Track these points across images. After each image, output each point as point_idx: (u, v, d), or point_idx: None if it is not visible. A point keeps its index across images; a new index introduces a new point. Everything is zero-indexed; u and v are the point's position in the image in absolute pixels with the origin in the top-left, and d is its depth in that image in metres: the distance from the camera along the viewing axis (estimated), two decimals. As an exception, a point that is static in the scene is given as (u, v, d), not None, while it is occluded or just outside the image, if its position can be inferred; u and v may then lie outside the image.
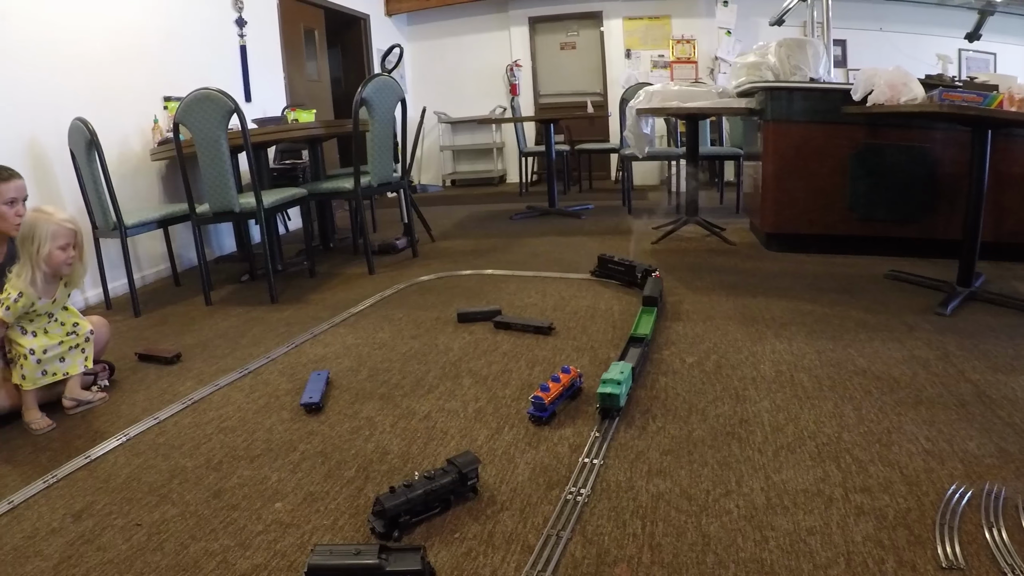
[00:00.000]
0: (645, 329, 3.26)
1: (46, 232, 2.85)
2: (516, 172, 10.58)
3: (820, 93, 4.72)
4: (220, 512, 2.10)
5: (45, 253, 2.85)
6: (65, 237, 2.91)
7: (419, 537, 1.88)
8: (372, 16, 10.47)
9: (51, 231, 2.86)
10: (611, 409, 2.53)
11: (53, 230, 2.86)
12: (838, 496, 1.90)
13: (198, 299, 4.84)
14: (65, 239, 2.91)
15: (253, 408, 2.89)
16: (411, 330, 3.75)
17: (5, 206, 3.09)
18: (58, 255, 2.88)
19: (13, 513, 2.23)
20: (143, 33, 5.84)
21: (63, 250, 2.90)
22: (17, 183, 3.16)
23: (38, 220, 2.87)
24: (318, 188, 5.37)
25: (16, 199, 3.14)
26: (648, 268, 4.12)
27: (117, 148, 5.36)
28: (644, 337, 3.17)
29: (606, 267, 4.52)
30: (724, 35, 9.90)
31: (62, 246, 2.89)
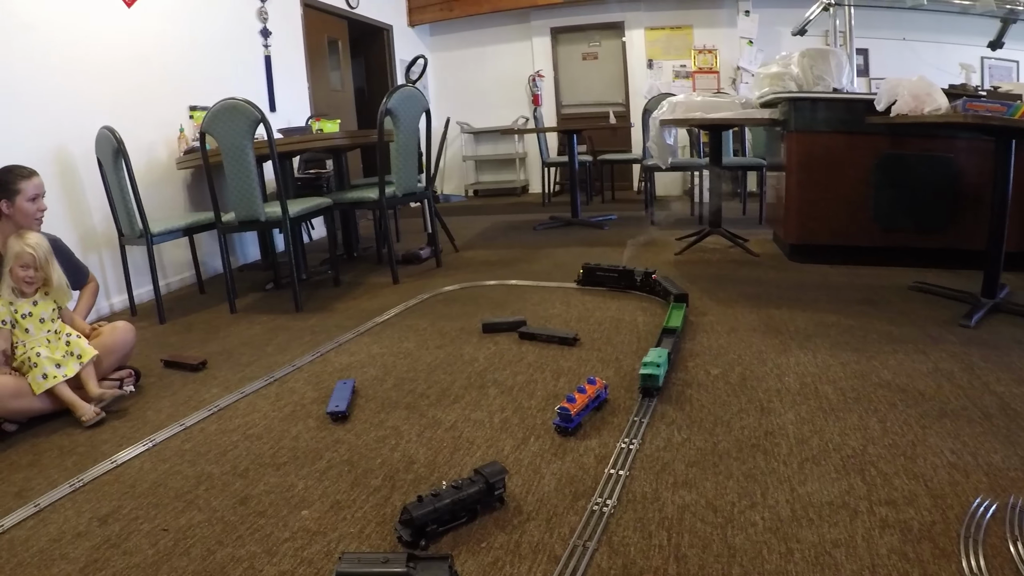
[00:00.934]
0: (676, 322, 3.51)
1: (12, 253, 3.10)
2: (538, 182, 10.58)
3: (843, 103, 4.69)
4: (247, 519, 2.11)
5: (7, 269, 3.11)
6: (24, 259, 3.12)
7: (446, 546, 1.88)
8: (395, 27, 10.51)
9: (16, 252, 3.10)
10: (651, 389, 2.78)
11: (17, 251, 3.10)
12: (863, 509, 1.89)
13: (223, 307, 4.88)
14: (25, 260, 3.12)
15: (279, 416, 2.90)
16: (436, 340, 3.75)
17: (28, 202, 3.24)
18: (17, 272, 3.12)
19: (39, 516, 2.26)
20: (169, 43, 5.89)
21: (24, 269, 3.12)
22: (36, 180, 3.38)
23: (11, 242, 3.13)
24: (343, 197, 5.39)
25: (37, 195, 3.35)
26: (648, 271, 4.35)
27: (143, 157, 5.41)
28: (676, 328, 3.43)
29: (593, 275, 4.60)
30: (746, 45, 9.86)
31: (22, 265, 3.11)
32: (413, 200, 5.67)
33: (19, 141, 4.43)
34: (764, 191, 6.85)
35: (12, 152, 4.17)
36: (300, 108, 7.94)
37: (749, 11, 9.82)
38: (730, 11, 10.01)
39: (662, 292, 4.16)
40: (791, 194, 4.91)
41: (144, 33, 5.62)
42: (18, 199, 3.25)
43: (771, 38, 9.76)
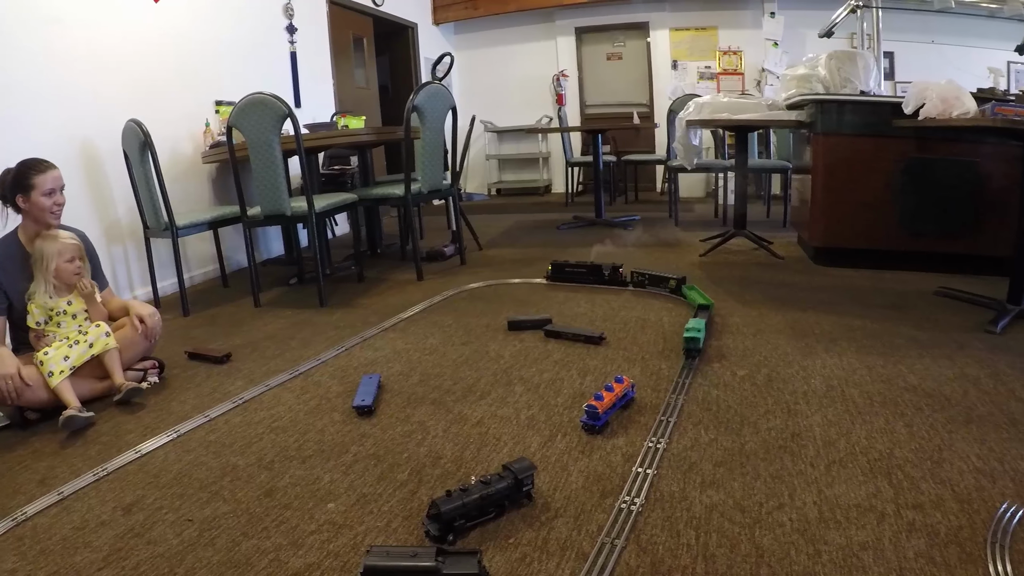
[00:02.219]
0: (703, 299, 3.87)
1: (53, 251, 3.13)
2: (562, 182, 10.58)
3: (870, 106, 4.65)
4: (272, 511, 2.10)
5: (54, 268, 3.14)
6: (71, 251, 3.19)
7: (473, 542, 1.87)
8: (420, 25, 10.53)
9: (57, 249, 3.14)
10: (694, 351, 3.17)
11: (59, 248, 3.15)
12: (890, 512, 1.87)
13: (246, 300, 4.89)
14: (71, 253, 3.19)
15: (304, 409, 2.90)
16: (461, 336, 3.75)
17: (44, 197, 3.20)
18: (66, 267, 3.18)
19: (62, 504, 2.26)
20: (195, 38, 5.93)
21: (70, 262, 3.16)
22: (54, 173, 3.29)
23: (45, 243, 3.15)
24: (368, 193, 5.40)
25: (54, 189, 3.26)
26: (616, 265, 4.65)
27: (169, 151, 5.43)
28: (708, 304, 3.78)
29: (562, 271, 4.69)
30: (771, 47, 9.80)
31: (68, 259, 3.17)
32: (438, 197, 5.68)
33: (46, 134, 4.47)
34: (789, 194, 6.81)
35: (39, 145, 4.19)
36: (325, 104, 7.96)
37: (775, 13, 9.76)
38: (755, 12, 9.96)
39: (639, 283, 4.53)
40: (816, 197, 4.88)
41: (170, 28, 5.65)
42: (33, 194, 3.18)
43: (796, 40, 9.70)
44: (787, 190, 6.94)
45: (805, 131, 5.24)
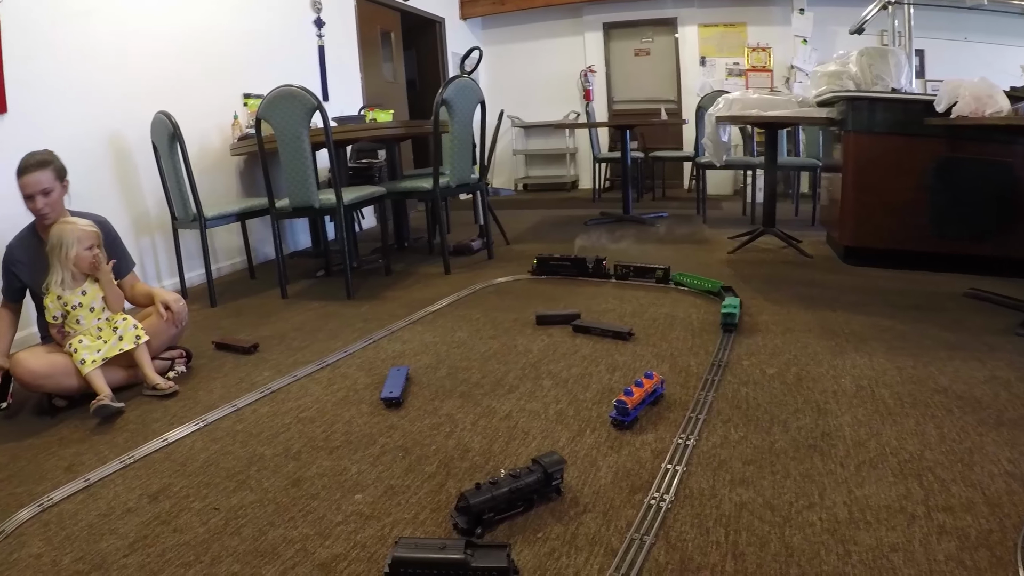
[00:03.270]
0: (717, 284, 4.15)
1: (72, 238, 3.09)
2: (589, 178, 10.57)
3: (902, 104, 4.59)
4: (299, 501, 2.10)
5: (74, 255, 3.09)
6: (90, 239, 3.15)
7: (502, 535, 1.86)
8: (447, 19, 10.56)
9: (77, 236, 3.10)
10: (731, 325, 3.50)
11: (79, 235, 3.11)
12: (920, 514, 1.84)
13: (273, 292, 4.91)
14: (90, 240, 3.15)
15: (332, 400, 2.90)
16: (489, 330, 3.74)
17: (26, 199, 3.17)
18: (84, 255, 3.13)
19: (89, 491, 2.28)
20: (224, 31, 5.96)
21: (89, 250, 3.14)
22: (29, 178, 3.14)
23: (64, 230, 3.10)
24: (396, 187, 5.40)
25: (32, 195, 3.15)
26: (598, 257, 4.77)
27: (197, 143, 5.46)
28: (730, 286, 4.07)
29: (547, 265, 4.73)
30: (800, 44, 9.72)
31: (87, 247, 3.13)
32: (466, 191, 5.67)
33: (75, 126, 4.51)
34: (818, 192, 6.75)
35: (68, 137, 4.26)
36: (352, 98, 7.99)
37: (804, 9, 9.68)
38: (784, 9, 9.87)
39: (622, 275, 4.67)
40: (847, 195, 4.83)
41: (199, 21, 5.69)
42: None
43: (825, 37, 9.63)
44: (816, 188, 6.88)
45: (835, 129, 5.19)
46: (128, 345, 3.14)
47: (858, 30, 6.13)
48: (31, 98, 4.25)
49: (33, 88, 4.27)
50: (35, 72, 4.29)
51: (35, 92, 4.28)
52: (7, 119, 4.12)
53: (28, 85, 4.23)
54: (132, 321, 3.21)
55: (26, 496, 2.27)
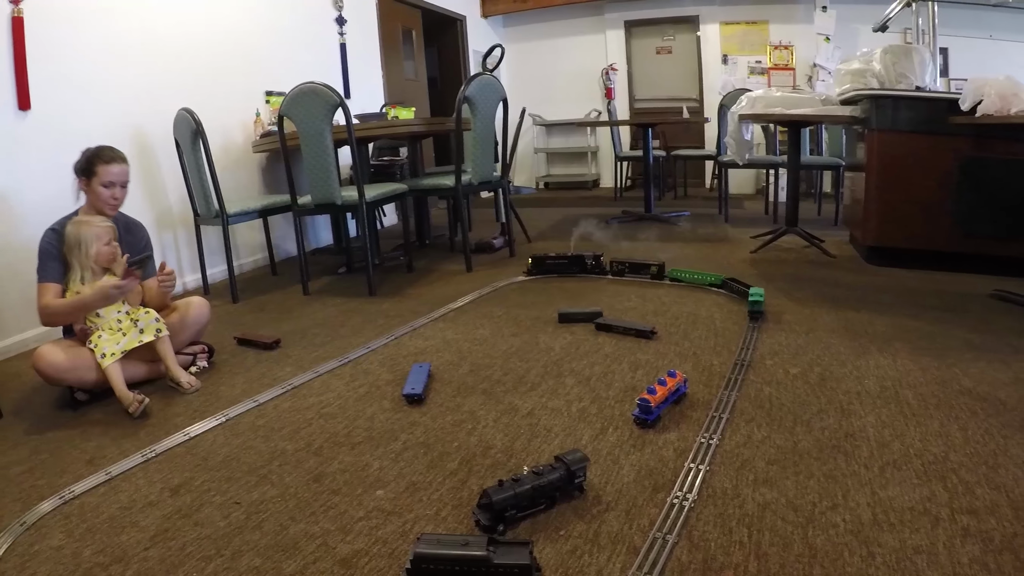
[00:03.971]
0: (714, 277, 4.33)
1: (91, 236, 3.10)
2: (610, 176, 10.53)
3: (926, 103, 4.53)
4: (320, 496, 2.11)
5: (95, 252, 3.11)
6: (107, 234, 3.17)
7: (524, 532, 1.85)
8: (468, 17, 10.55)
9: (96, 233, 3.12)
10: (758, 312, 3.68)
11: (97, 232, 3.13)
12: (944, 516, 1.83)
13: (295, 288, 4.93)
14: (108, 235, 3.17)
15: (353, 396, 2.90)
16: (511, 328, 3.74)
17: (103, 187, 3.24)
18: (105, 251, 3.15)
19: (110, 484, 2.29)
20: (246, 29, 5.98)
21: (108, 245, 3.15)
22: (118, 168, 3.30)
23: (79, 229, 3.12)
24: (418, 184, 5.41)
25: (114, 183, 3.27)
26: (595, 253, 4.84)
27: (219, 140, 5.48)
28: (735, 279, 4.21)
29: (543, 264, 4.72)
30: (823, 41, 9.65)
31: (107, 242, 3.15)
32: (488, 189, 5.67)
33: (98, 122, 4.53)
34: (841, 191, 6.70)
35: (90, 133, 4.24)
36: (374, 96, 8.00)
37: (826, 7, 9.60)
38: (807, 7, 9.79)
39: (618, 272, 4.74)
40: (870, 195, 4.78)
41: (222, 18, 5.71)
42: (94, 180, 3.22)
43: (848, 35, 9.54)
44: (839, 187, 6.84)
45: (859, 127, 5.15)
46: (148, 337, 3.15)
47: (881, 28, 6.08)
48: (54, 95, 4.28)
49: (56, 85, 4.29)
50: (58, 69, 4.32)
51: (58, 89, 4.31)
52: (30, 116, 4.15)
53: (51, 82, 4.26)
54: (153, 315, 3.21)
55: (47, 488, 2.28)
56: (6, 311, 4.01)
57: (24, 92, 4.09)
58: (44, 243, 3.12)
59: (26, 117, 4.13)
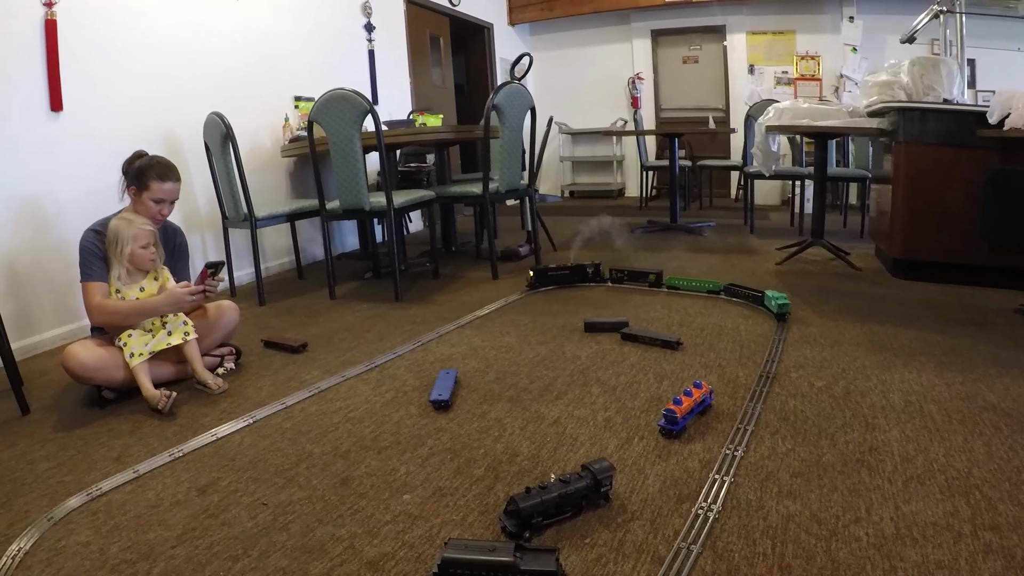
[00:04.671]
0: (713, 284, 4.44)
1: (128, 236, 3.13)
2: (635, 186, 10.54)
3: (954, 115, 4.50)
4: (347, 499, 2.12)
5: (128, 252, 3.13)
6: (146, 237, 3.19)
7: (549, 540, 1.86)
8: (496, 25, 10.60)
9: (133, 234, 3.14)
10: (785, 314, 3.84)
11: (134, 233, 3.14)
12: (967, 532, 1.82)
13: (321, 292, 4.97)
14: (146, 239, 3.18)
15: (380, 401, 2.92)
16: (537, 336, 3.75)
17: (152, 202, 3.27)
18: (141, 253, 3.17)
19: (137, 482, 2.32)
20: (276, 34, 6.05)
21: (144, 248, 3.17)
22: (170, 186, 3.32)
23: (120, 227, 3.14)
24: (446, 191, 5.43)
25: (163, 200, 3.30)
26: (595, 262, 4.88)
27: (248, 144, 5.54)
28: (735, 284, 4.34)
29: (545, 276, 4.72)
30: (850, 52, 9.60)
31: (143, 245, 3.17)
32: (515, 197, 5.69)
33: (129, 124, 4.61)
34: (867, 203, 6.68)
35: (122, 135, 4.36)
36: (402, 102, 8.05)
37: (853, 17, 9.55)
38: (834, 17, 9.74)
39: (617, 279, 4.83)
40: (897, 207, 4.76)
41: (252, 23, 5.78)
42: (144, 194, 3.24)
43: (875, 45, 9.48)
44: (865, 199, 6.81)
45: (886, 139, 5.13)
46: (176, 340, 3.18)
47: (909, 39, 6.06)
48: (86, 96, 4.35)
49: (88, 87, 4.37)
50: (90, 71, 4.39)
51: (90, 91, 4.38)
52: (62, 117, 4.22)
53: (84, 84, 4.34)
54: (182, 317, 3.25)
55: (75, 485, 2.32)
56: (36, 310, 4.08)
57: (56, 93, 4.16)
58: (87, 243, 3.15)
59: (58, 118, 4.20)
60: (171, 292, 3.16)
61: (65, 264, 4.12)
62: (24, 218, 4.03)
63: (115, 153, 3.48)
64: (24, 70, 4.05)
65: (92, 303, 3.09)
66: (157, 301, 3.15)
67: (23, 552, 1.93)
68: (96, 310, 3.10)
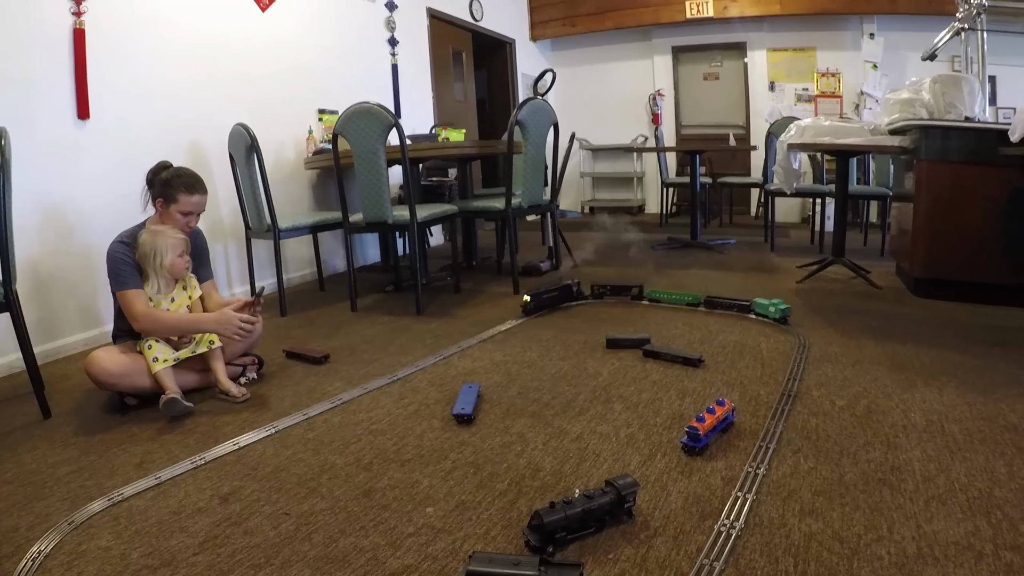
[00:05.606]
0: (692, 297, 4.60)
1: (165, 246, 3.17)
2: (655, 202, 10.54)
3: (975, 133, 4.48)
4: (370, 511, 2.13)
5: (169, 262, 3.18)
6: (181, 246, 3.24)
7: (572, 555, 1.86)
8: (517, 40, 10.65)
9: (171, 243, 3.18)
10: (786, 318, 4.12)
11: (172, 243, 3.19)
12: (988, 552, 1.81)
13: (343, 304, 5.00)
14: (182, 248, 3.24)
15: (403, 414, 2.93)
16: (559, 351, 3.75)
17: (180, 215, 3.30)
18: (179, 262, 3.24)
19: (159, 488, 2.34)
20: (301, 47, 6.11)
21: (181, 257, 3.23)
22: (198, 199, 3.36)
23: (156, 239, 3.18)
24: (468, 206, 5.45)
25: (191, 213, 3.34)
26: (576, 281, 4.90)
27: (272, 155, 5.58)
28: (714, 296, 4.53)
29: (540, 299, 4.62)
30: (870, 69, 9.58)
31: (179, 254, 3.22)
32: (537, 212, 5.70)
33: (155, 134, 4.69)
34: (888, 222, 6.66)
35: (148, 144, 4.43)
36: (424, 116, 8.09)
37: (874, 34, 9.53)
38: (854, 34, 9.73)
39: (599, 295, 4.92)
40: (918, 226, 4.74)
41: (277, 36, 5.84)
42: (172, 207, 3.27)
43: (895, 62, 9.46)
44: (885, 218, 6.79)
45: (907, 157, 5.12)
46: (201, 348, 3.22)
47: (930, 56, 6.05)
48: (113, 105, 4.42)
49: (115, 96, 4.43)
50: (117, 80, 4.46)
51: (117, 100, 4.44)
52: (89, 125, 4.28)
53: (110, 92, 4.40)
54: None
55: (96, 490, 2.34)
56: (59, 314, 4.13)
57: (84, 101, 4.22)
58: (117, 254, 3.16)
59: (85, 126, 4.26)
60: (223, 313, 3.20)
61: (88, 271, 4.18)
62: (49, 224, 4.08)
63: (140, 162, 3.52)
64: (52, 78, 4.11)
65: (137, 309, 3.11)
66: (206, 319, 3.20)
67: (43, 555, 1.95)
68: (143, 317, 3.12)
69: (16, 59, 3.92)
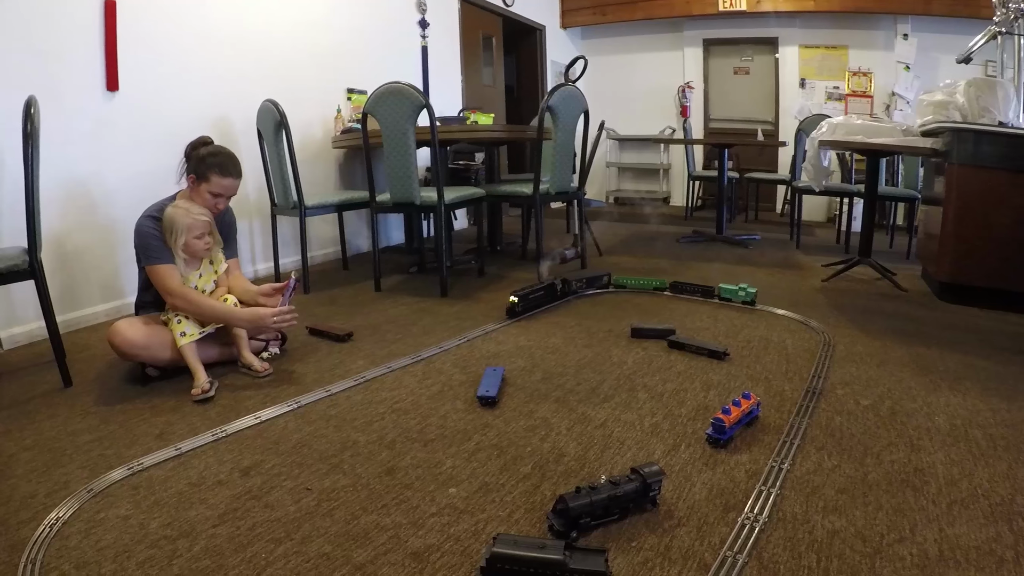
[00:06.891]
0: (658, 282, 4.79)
1: (183, 226, 3.12)
2: (680, 195, 10.50)
3: (1008, 138, 4.43)
4: (392, 489, 2.13)
5: (183, 243, 3.14)
6: (201, 228, 3.18)
7: (595, 541, 1.86)
8: (548, 27, 10.61)
9: (188, 224, 3.13)
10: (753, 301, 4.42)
11: (189, 223, 3.14)
12: (1009, 558, 1.80)
13: (366, 284, 5.00)
14: (201, 230, 3.18)
15: (427, 394, 2.93)
16: (583, 339, 3.74)
17: (210, 195, 3.27)
18: (196, 243, 3.17)
19: (179, 459, 2.35)
20: (331, 27, 6.12)
21: (199, 239, 3.17)
22: (230, 182, 3.33)
23: (176, 215, 3.14)
24: (496, 190, 5.44)
25: (221, 195, 3.31)
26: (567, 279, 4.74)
27: (300, 134, 5.57)
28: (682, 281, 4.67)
29: (527, 300, 4.45)
30: (902, 70, 9.48)
31: (198, 236, 3.17)
32: (565, 199, 5.68)
33: (183, 108, 4.70)
34: (915, 224, 6.61)
35: (176, 118, 4.45)
36: (452, 100, 8.09)
37: (907, 35, 9.43)
38: (888, 33, 9.62)
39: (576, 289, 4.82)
40: (946, 230, 4.69)
41: (309, 14, 5.85)
42: (203, 185, 3.23)
43: (928, 64, 9.35)
44: (912, 220, 6.74)
45: (938, 160, 5.07)
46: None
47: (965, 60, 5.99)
48: (143, 79, 4.42)
49: (145, 70, 4.44)
50: (147, 55, 4.47)
51: (147, 73, 4.45)
52: (118, 97, 4.29)
53: (140, 66, 4.41)
54: (233, 300, 3.28)
55: (115, 459, 2.35)
56: (82, 285, 4.15)
57: (113, 73, 4.23)
58: (146, 228, 3.14)
59: (114, 98, 4.27)
60: (255, 312, 3.19)
61: (113, 244, 4.20)
62: (75, 196, 4.10)
63: (168, 137, 3.54)
64: (82, 50, 4.12)
65: (171, 285, 3.10)
66: (238, 314, 3.19)
67: (61, 521, 1.96)
68: (176, 294, 3.11)
69: (47, 31, 3.92)
